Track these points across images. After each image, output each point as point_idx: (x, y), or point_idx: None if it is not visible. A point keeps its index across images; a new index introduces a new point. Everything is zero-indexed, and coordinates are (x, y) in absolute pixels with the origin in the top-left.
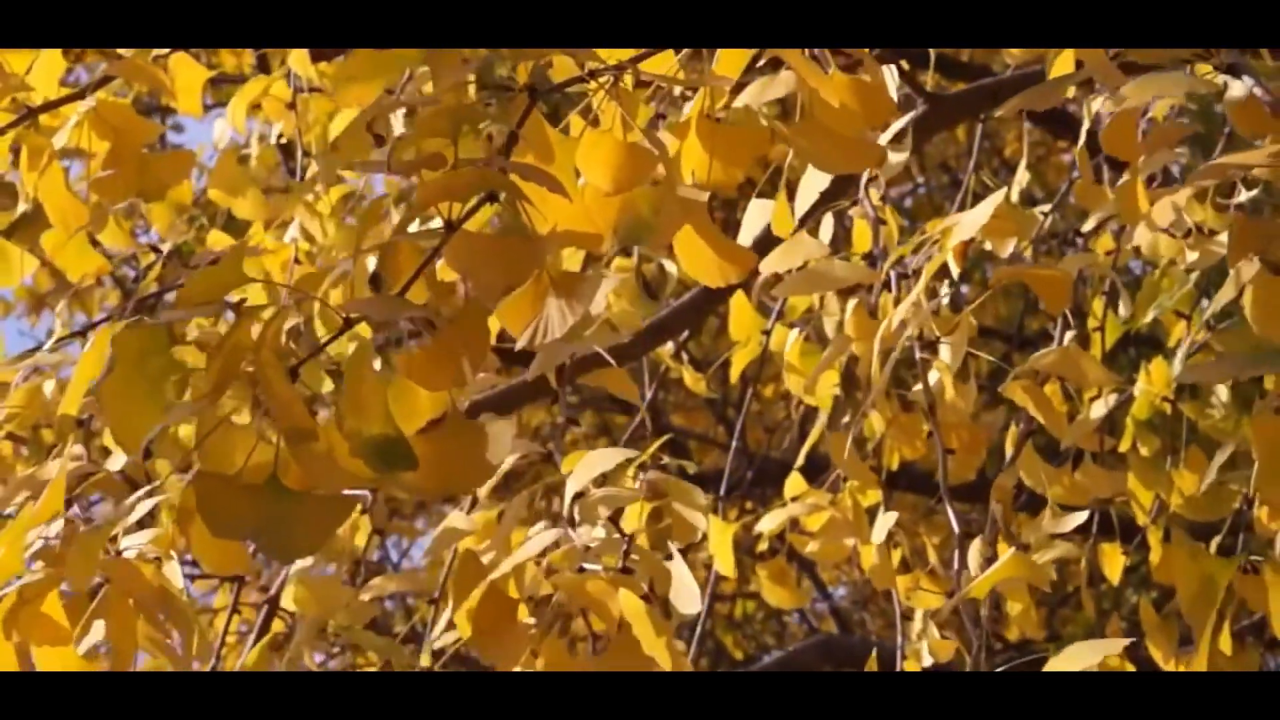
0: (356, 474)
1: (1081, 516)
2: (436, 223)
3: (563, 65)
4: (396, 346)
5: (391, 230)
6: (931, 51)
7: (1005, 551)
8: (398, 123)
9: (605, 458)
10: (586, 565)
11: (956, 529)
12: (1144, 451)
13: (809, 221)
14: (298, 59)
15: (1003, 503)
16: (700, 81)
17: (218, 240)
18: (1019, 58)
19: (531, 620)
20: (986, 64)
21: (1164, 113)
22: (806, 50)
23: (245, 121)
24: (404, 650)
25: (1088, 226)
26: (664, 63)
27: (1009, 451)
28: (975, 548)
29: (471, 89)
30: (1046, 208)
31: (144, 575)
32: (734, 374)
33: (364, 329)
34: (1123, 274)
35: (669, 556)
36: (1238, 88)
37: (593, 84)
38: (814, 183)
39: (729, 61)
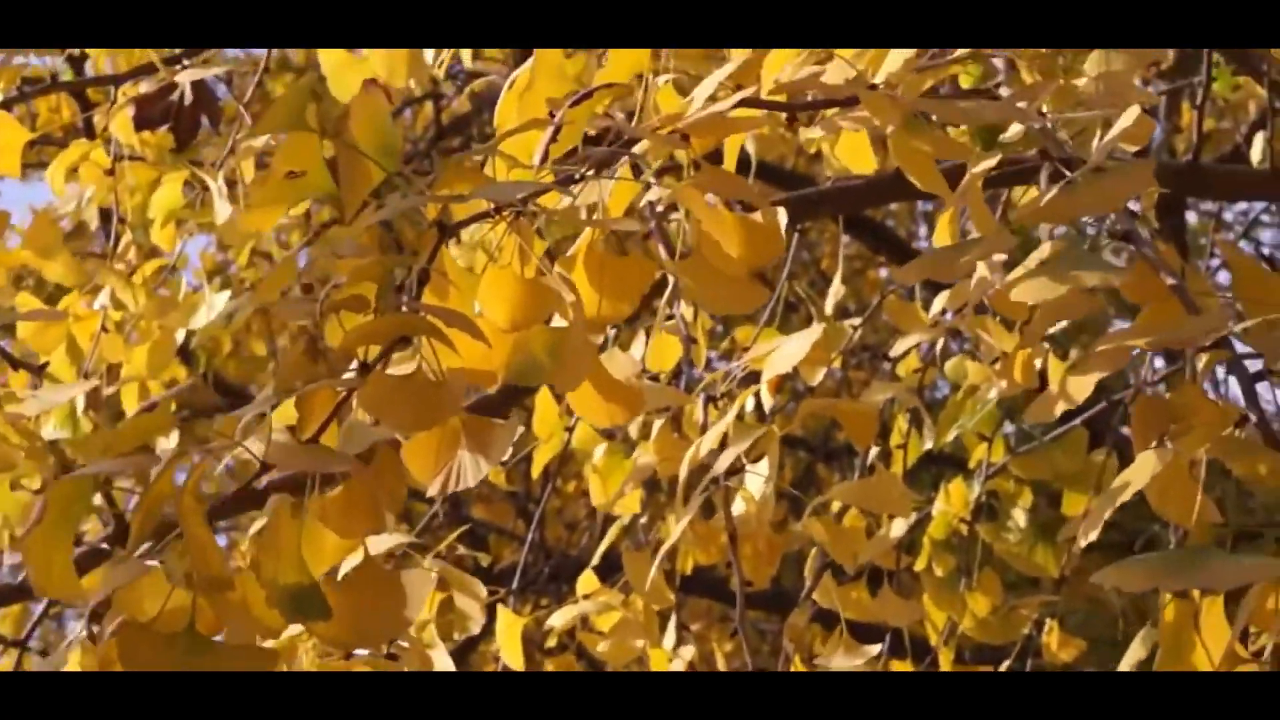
0: (270, 624)
1: (876, 649)
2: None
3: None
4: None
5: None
6: (753, 159)
7: None
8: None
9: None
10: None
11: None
12: (939, 571)
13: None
14: (120, 124)
15: (795, 641)
16: (595, 224)
17: (26, 303)
18: (838, 169)
19: None
20: (809, 174)
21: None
22: (705, 194)
23: (65, 185)
24: None
25: (897, 350)
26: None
27: (807, 563)
28: None
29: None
30: (857, 321)
31: None
32: (535, 469)
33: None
34: (929, 390)
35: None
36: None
37: (495, 220)
38: None
39: (621, 194)
